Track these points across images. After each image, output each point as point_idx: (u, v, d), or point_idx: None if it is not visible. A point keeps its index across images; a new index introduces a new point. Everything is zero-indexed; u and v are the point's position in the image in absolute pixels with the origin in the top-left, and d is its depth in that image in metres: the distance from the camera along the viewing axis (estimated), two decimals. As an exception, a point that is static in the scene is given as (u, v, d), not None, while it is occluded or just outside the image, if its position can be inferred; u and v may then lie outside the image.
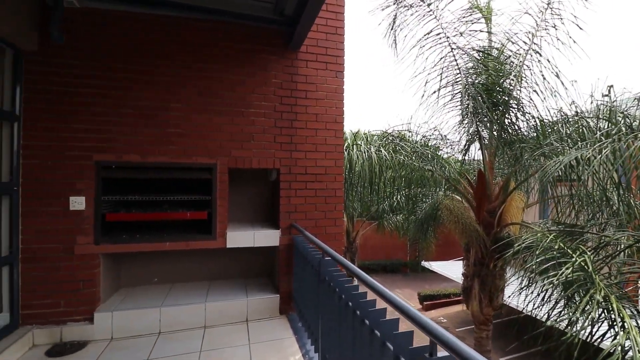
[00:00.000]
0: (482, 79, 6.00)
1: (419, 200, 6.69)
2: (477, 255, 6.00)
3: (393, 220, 10.65)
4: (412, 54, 5.67)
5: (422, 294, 13.82)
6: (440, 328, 1.05)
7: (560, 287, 3.43)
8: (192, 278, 3.86)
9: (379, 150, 5.70)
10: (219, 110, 3.34)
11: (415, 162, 5.62)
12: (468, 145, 5.95)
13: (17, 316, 2.86)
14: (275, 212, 3.79)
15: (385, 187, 5.96)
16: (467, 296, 6.30)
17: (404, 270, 18.89)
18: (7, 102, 2.81)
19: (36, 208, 2.93)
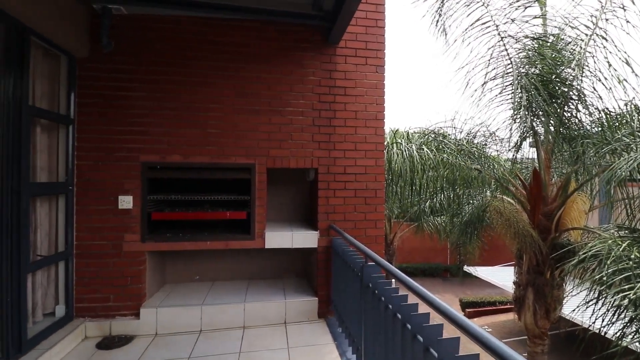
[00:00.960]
0: (536, 69, 5.49)
1: (464, 201, 6.26)
2: (531, 262, 5.48)
3: (433, 222, 10.16)
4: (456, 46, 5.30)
5: (464, 301, 13.09)
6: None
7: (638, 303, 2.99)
8: (232, 276, 3.89)
9: (420, 148, 5.41)
10: (256, 109, 3.31)
11: (461, 160, 5.25)
12: (520, 142, 5.45)
13: (71, 308, 3.03)
14: (313, 213, 3.70)
15: (427, 188, 5.64)
16: (519, 306, 5.79)
17: (444, 274, 18.07)
18: (63, 106, 2.98)
19: (88, 206, 3.09)
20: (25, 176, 2.46)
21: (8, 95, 2.33)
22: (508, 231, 5.05)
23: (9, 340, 2.32)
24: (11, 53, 2.35)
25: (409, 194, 5.75)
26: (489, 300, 13.14)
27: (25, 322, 2.46)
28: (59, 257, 2.92)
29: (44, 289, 2.88)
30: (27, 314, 2.52)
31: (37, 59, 2.72)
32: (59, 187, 2.93)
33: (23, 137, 2.43)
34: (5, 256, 2.31)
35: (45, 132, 2.88)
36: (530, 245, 5.10)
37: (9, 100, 2.34)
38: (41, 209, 2.83)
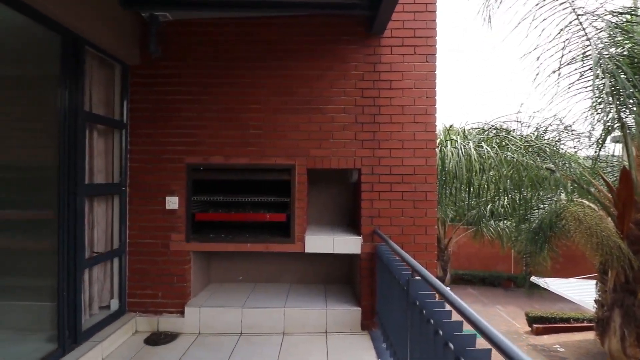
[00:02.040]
0: (623, 50, 4.62)
1: (532, 205, 5.51)
2: (618, 279, 4.62)
3: (495, 227, 9.23)
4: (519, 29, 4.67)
5: (531, 315, 11.72)
6: None
7: None
8: (273, 279, 3.83)
9: (479, 145, 4.86)
10: (296, 108, 3.19)
11: (528, 159, 4.60)
12: (604, 136, 4.62)
13: (124, 303, 3.19)
14: (356, 217, 3.48)
15: (488, 189, 5.06)
16: (602, 329, 4.93)
17: (507, 284, 16.46)
18: (117, 111, 3.15)
19: (139, 206, 3.23)
20: (81, 178, 2.62)
21: (64, 103, 2.49)
22: (589, 241, 4.30)
23: (65, 332, 2.48)
24: (67, 62, 2.51)
25: (465, 196, 5.20)
26: (562, 316, 11.61)
27: (80, 315, 2.62)
28: (113, 254, 3.09)
29: (100, 283, 3.07)
30: (82, 307, 2.68)
31: (94, 68, 2.90)
32: (114, 188, 3.10)
33: (78, 141, 2.59)
34: (62, 253, 2.47)
35: (101, 136, 3.06)
36: (618, 259, 4.28)
37: (65, 107, 2.50)
38: (98, 209, 3.02)
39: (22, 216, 3.01)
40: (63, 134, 2.48)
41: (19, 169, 3.09)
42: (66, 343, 2.47)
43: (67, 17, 2.37)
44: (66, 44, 2.49)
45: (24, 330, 2.78)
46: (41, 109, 2.55)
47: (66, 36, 2.48)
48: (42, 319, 2.48)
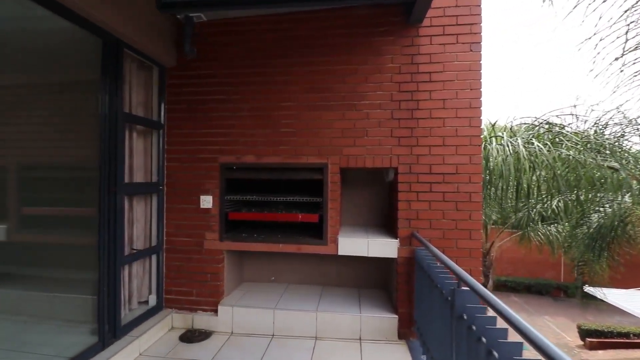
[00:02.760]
0: None
1: (590, 208, 4.95)
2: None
3: (544, 231, 8.48)
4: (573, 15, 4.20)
5: (583, 327, 10.71)
6: None
7: None
8: (306, 280, 3.74)
9: (528, 142, 4.44)
10: (329, 105, 3.07)
11: (587, 156, 4.12)
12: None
13: (161, 299, 3.27)
14: (392, 219, 3.29)
15: (538, 190, 4.61)
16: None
17: (556, 293, 15.23)
18: (155, 112, 3.23)
19: (175, 205, 3.29)
20: (120, 177, 2.70)
21: (105, 104, 2.57)
22: (662, 250, 3.75)
23: (105, 326, 2.56)
24: (107, 65, 2.58)
25: (512, 197, 4.79)
26: (620, 330, 10.49)
27: (119, 310, 2.70)
28: (151, 251, 3.16)
29: (139, 279, 3.16)
30: (121, 303, 2.76)
31: (133, 71, 2.98)
32: (152, 187, 3.18)
33: (118, 142, 2.66)
34: (103, 249, 2.56)
35: (140, 136, 3.15)
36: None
37: (106, 109, 2.58)
38: (137, 207, 3.11)
39: (70, 213, 3.17)
40: (104, 135, 2.56)
41: (67, 169, 3.26)
42: (106, 337, 2.55)
43: (107, 20, 2.43)
44: (106, 47, 2.57)
45: (70, 321, 2.92)
46: (84, 111, 2.66)
47: (107, 40, 2.56)
48: (86, 311, 2.58)
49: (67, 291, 3.12)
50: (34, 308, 3.17)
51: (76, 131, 3.05)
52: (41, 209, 3.38)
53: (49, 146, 3.40)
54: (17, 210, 3.39)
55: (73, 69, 3.05)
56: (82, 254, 2.58)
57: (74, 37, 2.62)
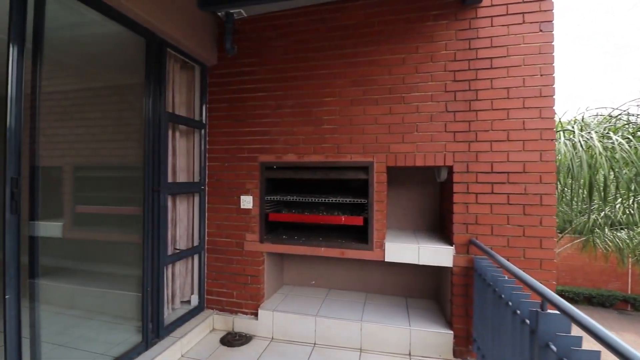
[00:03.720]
0: None
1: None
2: None
3: (612, 237, 7.49)
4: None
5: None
6: None
7: None
8: (349, 286, 3.54)
9: (605, 136, 3.85)
10: (375, 98, 2.84)
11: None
12: None
13: (203, 300, 3.24)
14: (445, 223, 2.99)
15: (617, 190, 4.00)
16: None
17: (622, 306, 13.56)
18: (197, 112, 3.21)
19: (217, 205, 3.25)
20: (164, 177, 2.68)
21: (148, 104, 2.56)
22: None
23: (149, 325, 2.55)
24: (151, 65, 2.57)
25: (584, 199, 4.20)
26: None
27: (163, 310, 2.69)
28: (193, 251, 3.15)
29: (182, 278, 3.15)
30: (165, 303, 2.75)
31: (176, 70, 2.97)
32: (194, 186, 3.16)
33: (161, 141, 2.65)
34: (147, 249, 2.55)
35: (183, 136, 3.15)
36: None
37: (149, 109, 2.57)
38: (180, 206, 3.11)
39: (118, 212, 3.24)
40: (147, 135, 2.56)
41: (115, 169, 3.35)
42: (149, 337, 2.54)
43: (151, 19, 2.42)
44: (150, 47, 2.56)
45: (119, 317, 2.98)
46: (131, 112, 2.68)
47: (150, 40, 2.55)
48: (133, 309, 2.60)
49: (116, 287, 3.21)
50: (87, 303, 3.29)
51: (124, 132, 3.11)
52: (93, 207, 3.51)
53: (100, 147, 3.52)
54: (71, 209, 3.55)
55: (120, 71, 3.11)
56: (130, 252, 2.60)
57: (120, 40, 2.65)
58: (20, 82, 1.63)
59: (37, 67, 1.79)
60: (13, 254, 1.61)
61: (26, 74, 1.70)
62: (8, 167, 1.59)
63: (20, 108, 1.62)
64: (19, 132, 1.62)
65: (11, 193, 1.59)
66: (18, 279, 1.63)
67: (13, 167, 1.60)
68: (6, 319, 1.59)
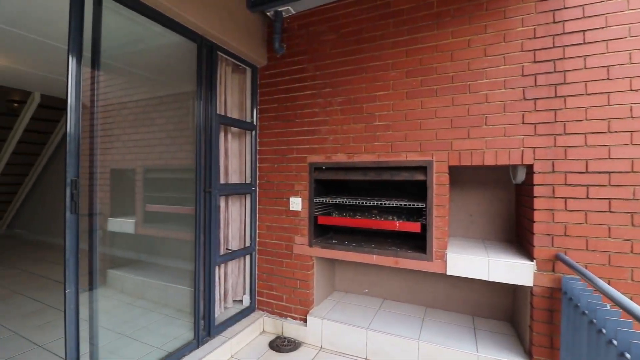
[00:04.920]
0: None
1: None
2: None
3: None
4: None
5: None
6: None
7: None
8: (405, 297, 3.23)
9: None
10: (434, 89, 2.52)
11: None
12: None
13: (254, 300, 3.25)
14: (522, 232, 2.52)
15: None
16: None
17: None
18: (248, 114, 3.23)
19: (267, 206, 3.23)
20: (215, 178, 2.73)
21: (200, 107, 2.62)
22: None
23: (200, 323, 2.60)
24: (202, 69, 2.63)
25: None
26: None
27: (214, 309, 2.73)
28: (244, 251, 3.17)
29: (234, 278, 3.20)
30: (215, 302, 2.79)
31: (228, 73, 3.02)
32: (245, 187, 3.18)
33: (213, 143, 2.70)
34: (199, 249, 2.61)
35: (235, 138, 3.20)
36: None
37: (201, 111, 2.63)
38: (233, 207, 3.16)
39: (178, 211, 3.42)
40: (199, 137, 2.61)
41: (176, 171, 3.54)
42: (200, 335, 2.59)
43: (201, 24, 2.46)
44: (201, 52, 2.62)
45: (179, 311, 3.13)
46: (188, 116, 2.79)
47: (201, 44, 2.61)
48: (189, 305, 2.69)
49: (176, 282, 3.39)
50: (152, 295, 3.54)
51: (182, 135, 3.26)
52: (158, 206, 3.77)
53: (164, 151, 3.77)
54: (142, 207, 3.86)
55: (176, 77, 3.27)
56: (187, 250, 2.69)
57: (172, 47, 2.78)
58: (78, 91, 1.73)
59: (95, 75, 1.90)
60: (73, 250, 1.71)
61: (85, 83, 1.80)
62: (68, 170, 1.70)
63: (78, 115, 1.73)
64: (78, 137, 1.72)
65: (71, 194, 1.69)
66: (77, 274, 1.73)
67: (72, 169, 1.71)
68: (66, 311, 1.70)
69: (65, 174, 1.69)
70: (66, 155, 1.69)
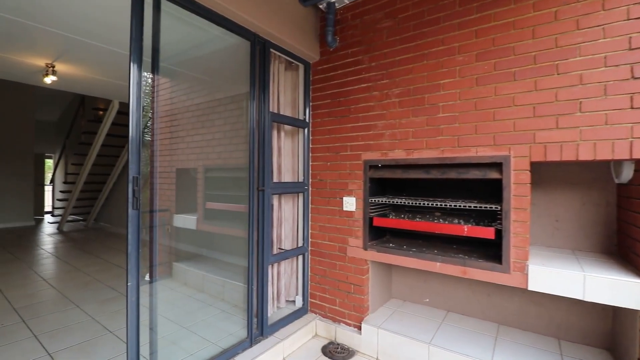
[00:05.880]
0: None
1: None
2: None
3: None
4: None
5: None
6: None
7: None
8: (472, 311, 2.88)
9: None
10: (511, 72, 2.16)
11: None
12: None
13: (306, 302, 3.17)
14: (628, 243, 2.04)
15: None
16: None
17: None
18: (301, 111, 3.16)
19: (319, 205, 3.13)
20: (268, 176, 2.69)
21: (254, 106, 2.60)
22: None
23: (253, 321, 2.58)
24: (255, 67, 2.61)
25: None
26: None
27: (267, 308, 2.70)
28: (297, 251, 3.10)
29: (288, 277, 3.15)
30: (268, 301, 2.76)
31: (281, 71, 2.98)
32: (298, 186, 3.11)
33: (266, 141, 2.66)
34: (252, 247, 2.59)
35: (288, 136, 3.15)
36: None
37: (254, 110, 2.61)
38: (286, 206, 3.11)
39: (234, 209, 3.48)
40: (252, 136, 2.60)
41: (232, 170, 3.61)
42: (253, 334, 2.57)
43: (256, 20, 2.44)
44: (254, 49, 2.60)
45: (235, 306, 3.18)
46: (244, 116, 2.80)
47: (254, 41, 2.59)
48: (243, 302, 2.69)
49: (232, 278, 3.46)
50: (211, 289, 3.66)
51: (237, 135, 3.30)
52: (216, 204, 3.90)
53: (222, 150, 3.88)
54: (202, 205, 4.03)
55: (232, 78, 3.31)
56: (241, 247, 2.70)
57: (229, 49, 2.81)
58: (139, 96, 1.79)
59: (155, 79, 1.95)
60: (134, 245, 1.77)
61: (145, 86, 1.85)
62: (130, 167, 1.75)
63: (139, 117, 1.78)
64: (139, 138, 1.77)
65: (132, 191, 1.74)
66: (138, 268, 1.78)
67: (134, 167, 1.77)
68: (127, 303, 1.76)
69: (128, 172, 1.75)
70: (128, 155, 1.75)
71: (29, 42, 3.67)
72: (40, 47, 3.81)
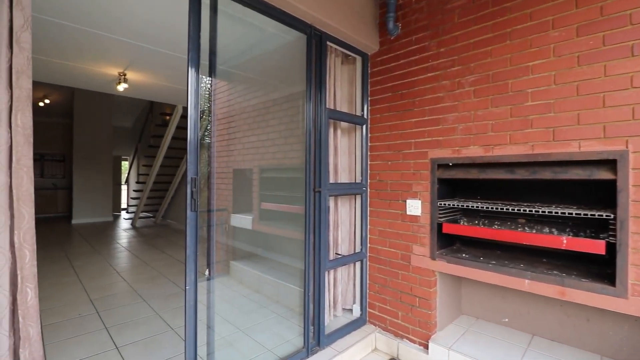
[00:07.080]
0: None
1: None
2: None
3: None
4: None
5: None
6: None
7: None
8: (565, 337, 2.41)
9: None
10: (627, 47, 1.72)
11: None
12: None
13: (365, 312, 2.95)
14: None
15: None
16: None
17: None
18: (358, 107, 2.95)
19: (379, 209, 2.89)
20: (325, 176, 2.53)
21: (310, 102, 2.46)
22: None
23: (310, 330, 2.44)
24: (311, 61, 2.46)
25: None
26: None
27: (323, 316, 2.53)
28: (354, 257, 2.90)
29: (345, 285, 2.97)
30: (325, 309, 2.60)
31: (337, 64, 2.81)
32: (355, 187, 2.91)
33: (322, 140, 2.50)
34: (308, 252, 2.45)
35: (345, 134, 2.97)
36: None
37: (310, 106, 2.46)
38: (342, 208, 2.93)
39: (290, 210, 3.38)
40: (308, 135, 2.46)
41: (288, 170, 3.52)
42: (310, 344, 2.43)
43: (312, 11, 2.29)
44: (310, 43, 2.45)
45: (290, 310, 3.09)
46: (299, 114, 2.69)
47: (311, 34, 2.44)
48: (298, 307, 2.58)
49: (288, 281, 3.37)
50: (266, 290, 3.62)
51: (293, 135, 3.20)
52: (272, 204, 3.85)
53: (277, 151, 3.82)
54: (258, 205, 4.02)
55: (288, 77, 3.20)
56: (298, 249, 2.59)
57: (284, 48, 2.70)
58: (196, 97, 1.75)
59: (212, 82, 1.90)
60: (192, 249, 1.72)
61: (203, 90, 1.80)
62: (189, 168, 1.71)
63: (197, 119, 1.74)
64: (196, 140, 1.73)
65: (191, 192, 1.69)
66: (196, 271, 1.73)
67: (192, 167, 1.72)
68: (185, 306, 1.71)
69: (186, 173, 1.71)
70: (187, 156, 1.71)
71: (100, 52, 3.97)
72: (111, 56, 4.12)
